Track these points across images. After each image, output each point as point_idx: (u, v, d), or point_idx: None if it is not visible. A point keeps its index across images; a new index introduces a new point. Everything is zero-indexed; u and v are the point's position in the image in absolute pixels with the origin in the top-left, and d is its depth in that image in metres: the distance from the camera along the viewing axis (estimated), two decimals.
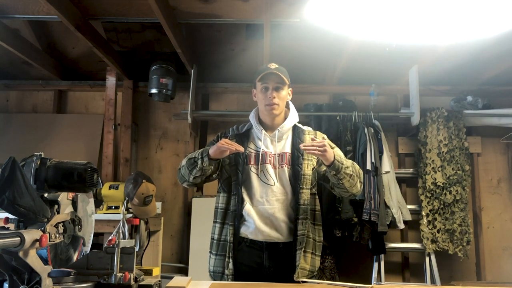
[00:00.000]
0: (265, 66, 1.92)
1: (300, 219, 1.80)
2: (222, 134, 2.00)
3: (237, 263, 1.80)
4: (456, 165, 3.64)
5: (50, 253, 1.43)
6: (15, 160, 1.18)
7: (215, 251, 1.87)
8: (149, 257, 3.48)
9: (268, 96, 1.88)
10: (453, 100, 3.90)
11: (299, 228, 1.79)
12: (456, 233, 3.54)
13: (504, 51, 3.31)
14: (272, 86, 1.87)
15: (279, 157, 1.87)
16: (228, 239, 1.81)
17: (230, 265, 1.79)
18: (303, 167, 1.84)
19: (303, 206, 1.81)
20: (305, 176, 1.84)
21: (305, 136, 1.93)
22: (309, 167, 1.86)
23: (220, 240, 1.85)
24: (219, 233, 1.86)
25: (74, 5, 2.85)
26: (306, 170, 1.85)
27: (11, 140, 3.89)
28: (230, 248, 1.80)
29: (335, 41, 3.27)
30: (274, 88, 1.87)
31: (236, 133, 1.97)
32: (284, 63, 2.03)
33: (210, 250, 1.91)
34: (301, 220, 1.80)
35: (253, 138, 1.94)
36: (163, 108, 4.09)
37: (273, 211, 1.81)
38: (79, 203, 1.50)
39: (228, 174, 1.88)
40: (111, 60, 3.50)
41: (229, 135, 1.96)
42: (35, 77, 4.08)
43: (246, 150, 1.88)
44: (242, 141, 1.90)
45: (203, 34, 3.57)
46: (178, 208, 3.96)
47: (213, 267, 1.87)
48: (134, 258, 1.40)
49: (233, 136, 1.94)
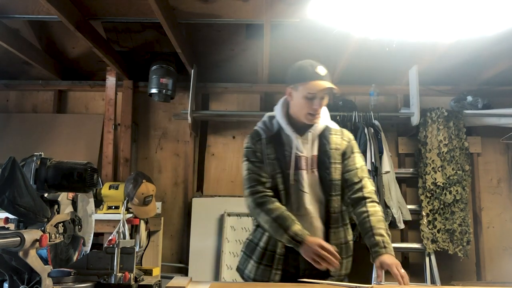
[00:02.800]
0: (312, 69, 1.71)
1: (332, 228, 1.74)
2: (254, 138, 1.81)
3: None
4: (456, 165, 3.64)
5: (50, 253, 1.43)
6: (15, 160, 1.18)
7: (259, 259, 1.76)
8: (149, 257, 3.47)
9: (313, 106, 1.71)
10: (453, 100, 3.90)
11: (332, 237, 1.73)
12: (456, 233, 3.54)
13: (504, 50, 3.31)
14: (320, 95, 1.71)
15: (310, 160, 1.76)
16: (277, 251, 1.72)
17: (277, 277, 1.71)
18: (331, 171, 1.74)
19: (334, 214, 1.74)
20: (335, 182, 1.75)
21: (332, 136, 1.80)
22: (337, 171, 1.76)
23: (267, 249, 1.75)
24: (266, 242, 1.75)
25: (74, 5, 2.85)
26: (334, 175, 1.75)
27: (11, 140, 3.89)
28: (279, 261, 1.71)
29: (335, 41, 3.27)
30: (321, 98, 1.72)
31: (270, 135, 1.79)
32: (284, 63, 2.00)
33: (250, 255, 1.80)
34: (333, 230, 1.74)
35: (285, 140, 1.79)
36: (163, 108, 4.09)
37: (310, 220, 1.73)
38: (79, 203, 1.50)
39: (273, 182, 1.74)
40: (111, 60, 3.50)
41: (263, 138, 1.78)
42: (35, 77, 4.08)
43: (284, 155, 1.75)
44: (277, 146, 1.76)
45: (203, 34, 3.57)
46: (178, 208, 3.96)
47: (254, 275, 1.75)
48: (134, 258, 1.40)
49: (268, 140, 1.78)
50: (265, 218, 1.67)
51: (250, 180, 1.74)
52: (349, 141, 1.83)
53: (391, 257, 1.61)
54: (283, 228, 1.62)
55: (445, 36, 2.93)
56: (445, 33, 2.84)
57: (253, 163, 1.76)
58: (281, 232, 1.63)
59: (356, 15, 2.58)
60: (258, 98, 4.09)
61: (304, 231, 1.62)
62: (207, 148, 4.06)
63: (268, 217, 1.66)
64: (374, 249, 1.64)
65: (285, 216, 1.64)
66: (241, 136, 4.06)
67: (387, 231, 1.68)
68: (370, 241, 1.66)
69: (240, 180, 3.98)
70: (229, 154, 4.05)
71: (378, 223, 1.67)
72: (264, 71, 3.65)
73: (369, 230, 1.67)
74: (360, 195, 1.75)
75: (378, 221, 1.68)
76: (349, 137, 1.84)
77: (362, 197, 1.74)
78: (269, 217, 1.66)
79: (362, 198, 1.74)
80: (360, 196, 1.75)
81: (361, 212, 1.72)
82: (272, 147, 1.75)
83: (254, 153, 1.77)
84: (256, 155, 1.76)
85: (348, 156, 1.80)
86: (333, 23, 2.75)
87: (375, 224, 1.67)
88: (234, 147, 4.05)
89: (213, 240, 3.68)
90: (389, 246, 1.63)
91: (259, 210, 1.69)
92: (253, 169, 1.75)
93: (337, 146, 1.78)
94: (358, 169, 1.78)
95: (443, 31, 2.79)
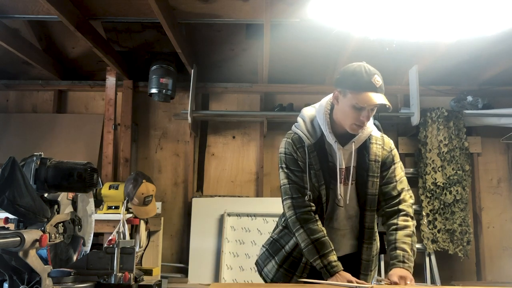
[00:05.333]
0: (368, 78, 1.54)
1: (366, 243, 1.68)
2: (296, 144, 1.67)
3: None
4: (456, 165, 3.64)
5: (50, 253, 1.42)
6: (15, 160, 1.18)
7: (280, 262, 1.73)
8: (149, 257, 3.47)
9: (361, 118, 1.56)
10: (453, 100, 3.90)
11: (364, 253, 1.69)
12: (456, 233, 3.54)
13: (504, 50, 3.31)
14: (371, 107, 1.56)
15: (347, 172, 1.66)
16: (303, 259, 1.67)
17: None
18: (368, 185, 1.66)
19: (369, 230, 1.68)
20: (371, 196, 1.66)
21: (372, 146, 1.68)
22: (375, 185, 1.67)
23: (292, 255, 1.71)
24: (292, 247, 1.70)
25: (74, 5, 2.85)
26: (371, 189, 1.66)
27: (11, 140, 3.89)
28: (303, 269, 1.68)
29: (335, 41, 3.27)
30: (371, 109, 1.57)
31: (313, 142, 1.65)
32: (284, 63, 1.98)
33: (273, 255, 1.76)
34: (366, 245, 1.69)
35: (327, 148, 1.67)
36: (163, 108, 4.09)
37: (343, 234, 1.69)
38: (79, 203, 1.50)
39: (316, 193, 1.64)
40: (111, 60, 3.50)
41: (306, 146, 1.65)
42: (35, 77, 4.08)
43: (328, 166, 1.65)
44: (321, 155, 1.65)
45: (203, 34, 3.57)
46: (178, 208, 3.96)
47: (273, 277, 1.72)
48: (134, 258, 1.40)
49: (311, 148, 1.65)
50: (304, 237, 1.61)
51: (292, 191, 1.65)
52: (390, 150, 1.72)
53: (405, 271, 1.55)
54: (319, 254, 1.58)
55: (445, 36, 2.93)
56: (445, 33, 2.85)
57: (294, 172, 1.66)
58: (316, 257, 1.58)
59: (356, 15, 2.59)
60: (258, 98, 4.09)
61: (339, 263, 1.57)
62: (207, 148, 4.06)
63: (307, 238, 1.60)
64: (392, 261, 1.59)
65: (325, 242, 1.59)
66: (241, 136, 4.06)
67: (412, 247, 1.61)
68: (391, 254, 1.61)
69: (240, 180, 4.00)
70: (229, 154, 4.05)
71: (404, 238, 1.61)
72: (264, 71, 3.65)
73: (393, 242, 1.62)
74: (395, 209, 1.68)
75: (405, 236, 1.62)
76: (390, 146, 1.73)
77: (397, 210, 1.67)
78: (308, 238, 1.60)
79: (397, 211, 1.67)
80: (395, 209, 1.68)
81: (391, 224, 1.67)
82: (316, 156, 1.64)
83: (295, 161, 1.66)
84: (297, 164, 1.65)
85: (387, 167, 1.70)
86: (333, 23, 2.75)
87: (400, 238, 1.61)
88: (234, 147, 4.05)
89: (213, 240, 3.68)
90: (408, 263, 1.57)
91: (300, 227, 1.62)
92: (295, 179, 1.65)
93: (376, 158, 1.68)
94: (397, 182, 1.70)
95: (443, 31, 2.79)
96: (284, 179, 1.68)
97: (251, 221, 3.70)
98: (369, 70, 1.56)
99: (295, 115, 1.82)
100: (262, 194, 3.93)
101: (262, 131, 4.00)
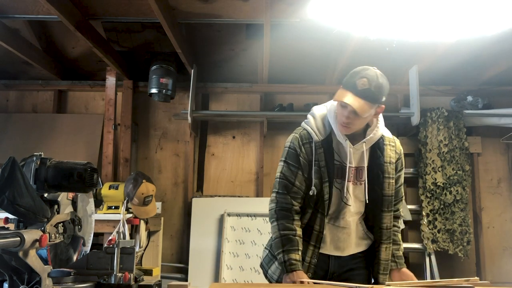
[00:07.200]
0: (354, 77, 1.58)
1: (385, 243, 1.69)
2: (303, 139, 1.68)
3: None
4: (456, 165, 3.64)
5: (50, 253, 1.42)
6: (15, 160, 1.18)
7: None
8: (149, 257, 3.47)
9: (344, 115, 1.58)
10: (453, 100, 3.90)
11: (382, 253, 1.69)
12: (456, 233, 3.54)
13: (504, 50, 3.31)
14: (350, 108, 1.55)
15: (357, 171, 1.66)
16: (310, 260, 1.66)
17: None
18: (385, 186, 1.66)
19: (387, 230, 1.69)
20: (388, 197, 1.67)
21: (386, 147, 1.70)
22: (391, 186, 1.68)
23: None
24: None
25: (74, 5, 2.85)
26: (388, 191, 1.67)
27: (11, 140, 3.89)
28: (309, 269, 1.66)
29: (335, 41, 3.27)
30: (352, 110, 1.55)
31: (322, 139, 1.65)
32: (284, 63, 1.97)
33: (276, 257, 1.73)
34: (385, 245, 1.70)
35: (335, 146, 1.67)
36: (163, 108, 4.09)
37: (348, 232, 1.69)
38: (79, 203, 1.50)
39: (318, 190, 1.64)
40: (111, 60, 3.50)
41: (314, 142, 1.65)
42: (35, 77, 4.08)
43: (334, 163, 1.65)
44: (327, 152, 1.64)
45: (203, 34, 3.57)
46: (178, 208, 3.96)
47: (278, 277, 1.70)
48: (134, 258, 1.40)
49: (319, 145, 1.65)
50: (275, 230, 1.65)
51: (280, 186, 1.68)
52: (400, 154, 1.75)
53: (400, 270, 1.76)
54: (283, 249, 1.60)
55: (445, 36, 2.93)
56: (445, 33, 2.85)
57: (290, 167, 1.67)
58: (279, 251, 1.61)
59: (356, 15, 2.59)
60: (258, 98, 4.08)
61: (299, 264, 1.59)
62: (207, 148, 4.06)
63: (278, 231, 1.64)
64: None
65: (292, 240, 1.61)
66: (241, 136, 4.06)
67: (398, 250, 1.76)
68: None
69: (240, 180, 4.00)
70: (229, 154, 4.05)
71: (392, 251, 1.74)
72: (264, 71, 3.65)
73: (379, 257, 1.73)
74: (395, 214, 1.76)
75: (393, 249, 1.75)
76: (400, 150, 1.75)
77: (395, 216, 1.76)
78: (278, 232, 1.63)
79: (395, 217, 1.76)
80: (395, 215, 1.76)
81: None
82: (322, 153, 1.64)
83: (295, 156, 1.66)
84: (297, 159, 1.66)
85: (398, 170, 1.74)
86: (333, 23, 2.75)
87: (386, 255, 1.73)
88: (234, 147, 4.05)
89: (213, 240, 3.68)
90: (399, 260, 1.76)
91: (275, 220, 1.66)
92: (287, 174, 1.67)
93: (390, 160, 1.70)
94: (400, 190, 1.77)
95: (443, 31, 2.79)
96: (278, 172, 1.72)
97: (251, 221, 3.70)
98: (362, 73, 1.59)
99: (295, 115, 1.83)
100: (262, 194, 3.92)
101: (262, 131, 4.00)
